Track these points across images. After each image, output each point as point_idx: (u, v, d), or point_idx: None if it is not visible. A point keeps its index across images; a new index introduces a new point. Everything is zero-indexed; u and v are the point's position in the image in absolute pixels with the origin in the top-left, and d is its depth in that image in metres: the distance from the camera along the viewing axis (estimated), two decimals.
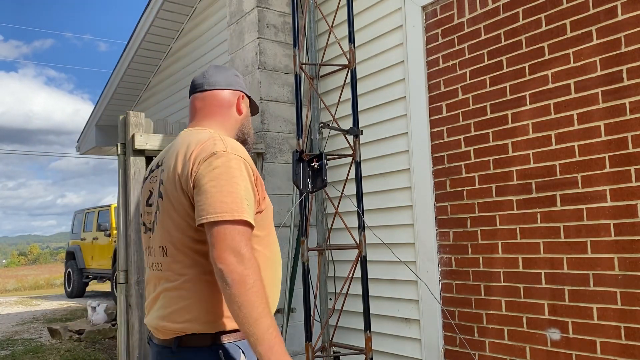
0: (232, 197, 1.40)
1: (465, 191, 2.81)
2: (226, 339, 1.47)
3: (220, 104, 1.70)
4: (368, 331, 2.82)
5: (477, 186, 2.75)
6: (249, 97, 1.77)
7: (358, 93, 3.07)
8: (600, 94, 2.30)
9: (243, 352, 1.49)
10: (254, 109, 1.83)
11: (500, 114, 2.66)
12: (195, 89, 1.72)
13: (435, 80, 2.98)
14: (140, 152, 3.17)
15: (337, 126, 3.02)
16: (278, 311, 3.53)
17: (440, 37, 2.97)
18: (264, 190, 1.59)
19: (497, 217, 2.66)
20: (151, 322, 1.57)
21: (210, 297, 1.47)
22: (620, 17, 2.24)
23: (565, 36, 2.42)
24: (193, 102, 1.72)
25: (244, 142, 1.71)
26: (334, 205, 3.17)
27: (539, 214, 2.49)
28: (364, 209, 3.06)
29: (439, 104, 2.96)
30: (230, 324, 1.47)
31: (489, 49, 2.72)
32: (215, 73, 1.73)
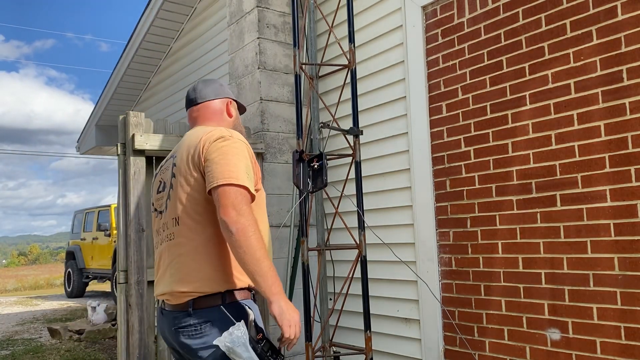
0: (236, 168, 1.69)
1: (465, 191, 2.81)
2: (233, 297, 1.71)
3: (214, 111, 2.01)
4: (368, 331, 2.82)
5: (477, 186, 2.75)
6: (235, 101, 2.08)
7: (358, 93, 3.07)
8: (600, 94, 2.30)
9: (249, 307, 1.72)
10: (241, 109, 2.15)
11: (500, 114, 2.66)
12: (190, 103, 2.03)
13: (435, 80, 2.98)
14: (140, 152, 3.17)
15: (337, 126, 3.02)
16: None
17: (440, 37, 2.97)
18: (259, 177, 1.87)
19: (497, 217, 2.66)
20: (164, 289, 1.78)
21: (218, 258, 1.72)
22: (620, 17, 2.24)
23: (565, 36, 2.42)
24: (190, 114, 2.03)
25: None
26: (333, 205, 3.17)
27: (539, 214, 2.49)
28: (364, 208, 3.06)
29: (439, 104, 2.96)
30: (237, 282, 1.72)
31: (489, 49, 2.72)
32: (204, 87, 2.03)
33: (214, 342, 1.61)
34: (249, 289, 1.77)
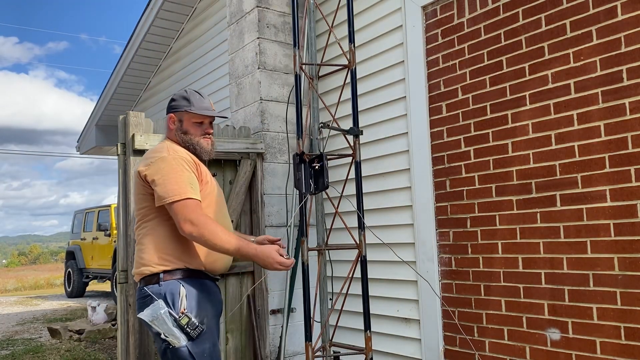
0: (177, 185, 2.09)
1: (465, 191, 2.81)
2: (167, 278, 2.12)
3: (166, 126, 2.41)
4: (368, 331, 2.82)
5: (477, 186, 2.75)
6: (189, 112, 2.32)
7: (358, 93, 3.07)
8: (600, 94, 2.30)
9: (182, 285, 2.12)
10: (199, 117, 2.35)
11: (500, 114, 2.66)
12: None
13: (435, 80, 2.98)
14: (140, 152, 3.17)
15: (337, 126, 3.02)
16: (278, 311, 3.54)
17: (440, 37, 2.97)
18: (204, 172, 2.27)
19: (497, 217, 2.66)
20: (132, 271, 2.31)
21: (154, 247, 2.16)
22: (620, 17, 2.24)
23: (565, 36, 2.42)
24: None
25: (193, 150, 2.31)
26: (333, 205, 3.17)
27: (538, 214, 2.49)
28: (364, 209, 3.06)
29: (439, 104, 2.96)
30: (168, 265, 2.13)
31: (489, 49, 2.72)
32: (170, 102, 2.39)
33: (138, 315, 2.09)
34: (188, 270, 2.16)
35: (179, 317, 2.04)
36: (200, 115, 2.33)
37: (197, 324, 2.06)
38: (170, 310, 2.04)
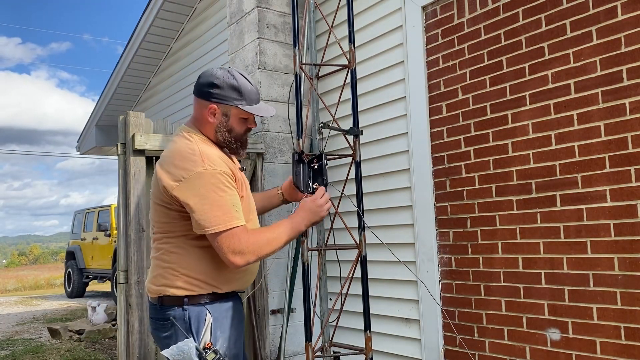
0: (221, 209, 1.75)
1: (465, 191, 2.81)
2: (192, 302, 1.84)
3: (198, 114, 1.95)
4: (368, 331, 2.82)
5: (477, 186, 2.75)
6: (232, 105, 1.92)
7: (358, 93, 3.06)
8: (600, 94, 2.30)
9: (209, 312, 1.85)
10: (250, 115, 1.99)
11: (500, 114, 2.66)
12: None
13: (435, 81, 2.98)
14: (140, 152, 3.18)
15: (337, 126, 3.02)
16: (278, 311, 3.54)
17: (440, 37, 2.97)
18: (244, 185, 1.96)
19: (497, 217, 2.66)
20: (146, 282, 1.99)
21: (180, 268, 1.84)
22: (620, 17, 2.24)
23: (565, 36, 2.42)
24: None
25: (234, 149, 1.98)
26: (333, 205, 3.16)
27: (538, 214, 2.49)
28: (364, 209, 3.06)
29: (439, 104, 2.96)
30: (195, 289, 1.84)
31: (489, 49, 2.72)
32: (202, 78, 1.95)
33: (162, 352, 1.83)
34: (214, 294, 1.88)
35: (206, 353, 1.79)
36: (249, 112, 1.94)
37: (224, 358, 1.84)
38: (197, 345, 1.79)
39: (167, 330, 1.86)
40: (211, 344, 1.82)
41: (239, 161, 2.14)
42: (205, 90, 1.90)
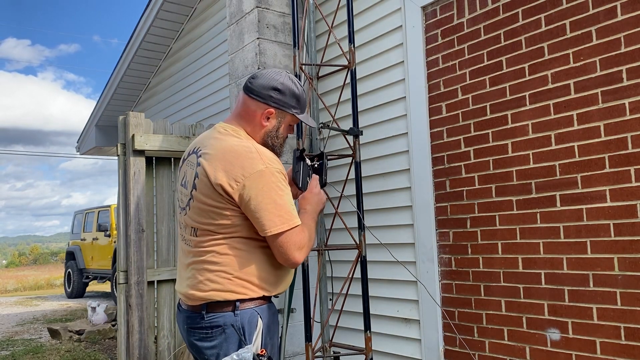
0: (283, 208, 1.71)
1: (465, 191, 2.81)
2: (243, 306, 1.74)
3: (252, 115, 1.87)
4: (368, 331, 2.82)
5: (477, 186, 2.75)
6: (287, 112, 1.90)
7: (358, 93, 3.07)
8: (600, 94, 2.30)
9: (260, 317, 1.77)
10: (292, 124, 1.99)
11: (500, 114, 2.66)
12: (245, 86, 1.90)
13: (435, 81, 2.98)
14: (140, 153, 3.18)
15: (337, 126, 3.02)
16: (278, 311, 3.53)
17: (440, 38, 2.97)
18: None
19: (497, 217, 2.66)
20: (181, 289, 1.85)
21: (231, 269, 1.74)
22: (620, 18, 2.24)
23: (565, 36, 2.42)
24: (239, 95, 1.92)
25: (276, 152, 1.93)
26: (333, 205, 3.17)
27: (538, 214, 2.49)
28: (364, 209, 3.06)
29: (439, 104, 2.96)
30: (248, 292, 1.75)
31: (488, 49, 2.72)
32: (262, 77, 1.87)
33: None
34: (263, 297, 1.81)
35: (262, 358, 1.70)
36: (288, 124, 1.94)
37: None
38: (254, 352, 1.71)
39: (215, 339, 1.74)
40: (265, 350, 1.74)
41: None
42: (266, 92, 1.84)
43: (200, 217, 1.76)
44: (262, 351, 1.72)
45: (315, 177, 2.09)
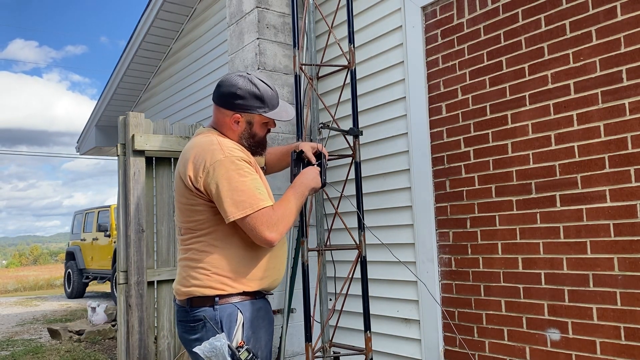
0: (245, 193, 1.78)
1: (465, 191, 2.81)
2: (223, 302, 1.83)
3: (222, 122, 1.99)
4: (368, 331, 2.82)
5: (477, 186, 2.75)
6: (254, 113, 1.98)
7: (358, 94, 3.07)
8: (599, 94, 2.30)
9: (240, 311, 1.84)
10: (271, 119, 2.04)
11: (500, 114, 2.66)
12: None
13: (435, 81, 2.98)
14: (140, 153, 3.18)
15: (337, 127, 3.02)
16: (278, 311, 3.54)
17: (440, 38, 2.97)
18: (257, 168, 1.96)
19: (497, 217, 2.66)
20: (174, 285, 1.99)
21: (211, 267, 1.84)
22: (619, 18, 2.25)
23: (565, 37, 2.42)
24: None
25: (254, 150, 2.03)
26: (333, 205, 3.17)
27: (538, 214, 2.49)
28: (364, 209, 3.06)
29: (439, 104, 2.96)
30: (226, 288, 1.84)
31: (488, 49, 2.72)
32: (221, 87, 1.98)
33: (194, 349, 1.79)
34: (245, 293, 1.88)
35: (239, 351, 1.78)
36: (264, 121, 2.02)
37: (256, 358, 1.83)
38: (229, 343, 1.78)
39: (198, 332, 1.85)
40: (244, 342, 1.82)
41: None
42: (228, 100, 1.94)
43: (182, 216, 1.90)
44: (240, 343, 1.81)
45: (315, 167, 2.13)
